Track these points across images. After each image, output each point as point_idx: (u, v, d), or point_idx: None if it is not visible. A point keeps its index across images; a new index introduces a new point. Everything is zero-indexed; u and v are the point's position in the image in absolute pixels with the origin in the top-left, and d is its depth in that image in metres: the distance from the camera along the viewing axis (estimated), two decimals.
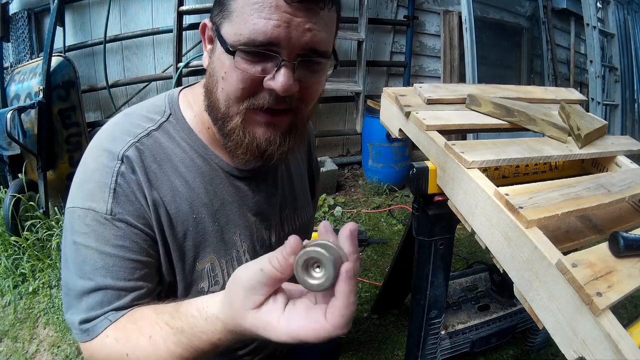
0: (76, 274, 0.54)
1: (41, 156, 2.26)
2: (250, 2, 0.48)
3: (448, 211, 0.86)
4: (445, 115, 0.96)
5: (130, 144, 0.55)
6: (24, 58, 2.86)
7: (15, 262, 2.08)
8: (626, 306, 1.65)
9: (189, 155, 0.59)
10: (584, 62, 3.98)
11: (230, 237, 0.63)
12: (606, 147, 0.95)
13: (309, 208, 0.82)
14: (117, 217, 0.53)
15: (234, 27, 0.49)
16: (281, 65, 0.49)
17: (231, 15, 0.49)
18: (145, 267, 0.55)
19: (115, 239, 0.53)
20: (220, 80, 0.52)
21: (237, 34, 0.49)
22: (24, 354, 1.69)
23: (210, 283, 0.61)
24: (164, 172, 0.57)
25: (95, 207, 0.53)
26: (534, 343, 1.50)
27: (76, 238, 0.54)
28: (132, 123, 0.59)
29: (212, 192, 0.61)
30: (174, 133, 0.59)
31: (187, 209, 0.58)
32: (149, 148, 0.56)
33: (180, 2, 2.51)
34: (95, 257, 0.53)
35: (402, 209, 2.72)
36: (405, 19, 3.18)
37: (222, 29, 0.51)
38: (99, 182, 0.53)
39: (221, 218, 0.62)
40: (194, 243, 0.59)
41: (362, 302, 1.84)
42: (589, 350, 0.54)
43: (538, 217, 0.64)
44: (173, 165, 0.58)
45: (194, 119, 0.61)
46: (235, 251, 0.63)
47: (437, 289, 1.05)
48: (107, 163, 0.54)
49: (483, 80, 2.99)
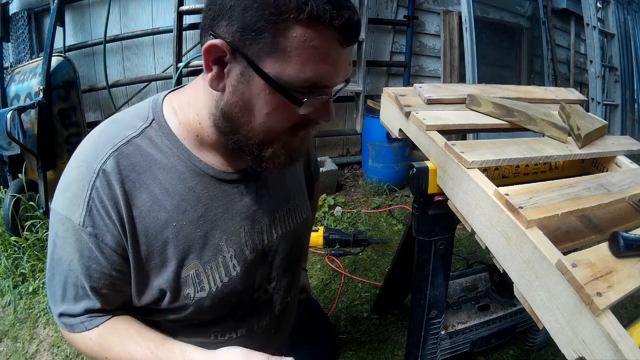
0: (55, 269, 0.60)
1: (41, 156, 2.26)
2: (307, 44, 0.46)
3: (448, 211, 0.86)
4: (445, 115, 0.96)
5: (108, 155, 0.55)
6: (24, 58, 2.86)
7: (15, 262, 2.08)
8: (626, 306, 1.65)
9: (171, 161, 0.58)
10: (584, 62, 3.98)
11: (215, 243, 0.62)
12: (606, 147, 0.95)
13: (306, 208, 0.80)
14: (87, 230, 0.55)
15: (284, 67, 0.47)
16: (329, 100, 0.53)
17: (278, 52, 0.46)
18: (111, 279, 0.59)
19: (85, 250, 0.56)
20: (262, 115, 0.51)
21: (292, 75, 0.47)
22: (24, 354, 1.69)
23: (195, 289, 0.61)
24: (142, 181, 0.57)
25: (71, 217, 0.55)
26: (534, 343, 1.50)
27: (56, 239, 0.58)
28: (115, 132, 0.58)
29: (195, 198, 0.60)
30: (156, 138, 0.58)
31: (166, 217, 0.58)
32: (128, 156, 0.56)
33: (180, 2, 2.51)
34: (70, 259, 0.57)
35: (402, 209, 2.72)
36: (405, 19, 3.18)
37: (262, 64, 0.47)
38: (76, 194, 0.55)
39: (205, 224, 0.61)
40: (176, 250, 0.59)
41: (362, 302, 1.84)
42: (589, 350, 0.54)
43: (538, 217, 0.64)
44: (152, 173, 0.57)
45: (178, 127, 0.59)
46: (221, 257, 0.63)
47: (437, 289, 1.05)
48: (84, 176, 0.55)
49: (483, 80, 2.99)
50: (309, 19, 0.44)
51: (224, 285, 0.63)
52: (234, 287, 0.65)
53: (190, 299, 0.61)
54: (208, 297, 0.62)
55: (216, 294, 0.63)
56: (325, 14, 0.44)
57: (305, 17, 0.44)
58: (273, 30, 0.45)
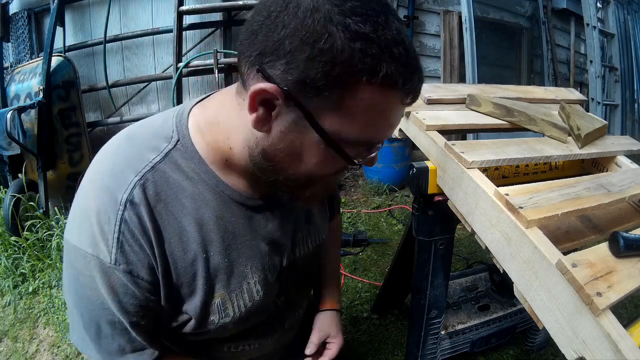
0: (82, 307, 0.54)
1: (41, 156, 2.27)
2: (374, 108, 0.44)
3: (448, 211, 0.86)
4: (445, 115, 0.96)
5: (134, 185, 0.50)
6: (24, 58, 2.87)
7: (15, 262, 2.08)
8: (626, 306, 1.65)
9: (198, 188, 0.54)
10: (584, 62, 3.98)
11: (241, 271, 0.60)
12: (606, 147, 0.95)
13: (324, 229, 0.77)
14: (121, 268, 0.50)
15: (345, 126, 0.44)
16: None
17: (341, 110, 0.43)
18: (148, 310, 0.55)
19: (120, 287, 0.51)
20: (310, 164, 0.49)
21: (351, 134, 0.45)
22: (24, 354, 1.69)
23: (220, 316, 0.60)
24: (171, 212, 0.53)
25: (99, 255, 0.50)
26: (534, 343, 1.50)
27: (79, 276, 0.52)
28: (136, 154, 0.53)
29: (223, 228, 0.57)
30: (182, 163, 0.53)
31: (195, 249, 0.55)
32: (155, 185, 0.52)
33: (180, 2, 2.51)
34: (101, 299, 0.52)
35: (402, 209, 2.72)
36: (405, 19, 3.18)
37: (321, 119, 0.44)
38: (101, 229, 0.50)
39: (232, 253, 0.58)
40: (204, 282, 0.57)
41: (362, 302, 1.84)
42: (589, 350, 0.54)
43: (538, 217, 0.64)
44: (181, 203, 0.53)
45: (205, 148, 0.54)
46: (246, 284, 0.61)
47: (437, 289, 1.05)
48: (109, 208, 0.50)
49: (483, 80, 2.99)
50: (381, 84, 0.41)
51: (247, 310, 0.62)
52: (256, 309, 0.64)
53: (214, 325, 0.60)
54: (231, 322, 0.61)
55: (239, 318, 0.62)
56: (398, 79, 0.42)
57: (378, 81, 0.41)
58: (340, 90, 0.41)
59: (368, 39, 0.39)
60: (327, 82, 0.41)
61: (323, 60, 0.39)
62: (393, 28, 0.41)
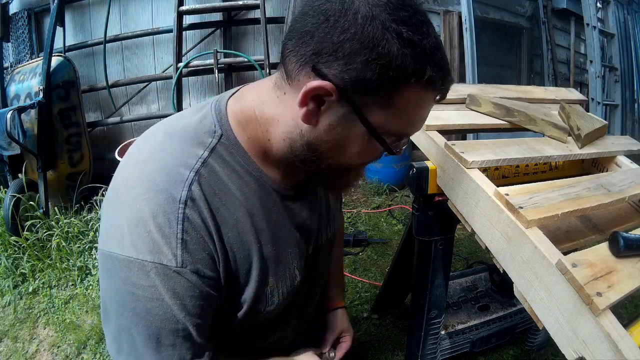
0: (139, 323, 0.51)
1: (41, 156, 2.27)
2: (416, 105, 0.49)
3: (448, 211, 0.86)
4: (445, 115, 0.96)
5: (191, 181, 0.50)
6: (24, 58, 2.87)
7: (15, 262, 2.08)
8: (626, 306, 1.65)
9: (245, 180, 0.56)
10: (584, 62, 3.98)
11: (285, 258, 0.63)
12: (606, 147, 0.95)
13: (340, 216, 0.83)
14: (188, 268, 0.49)
15: (390, 121, 0.49)
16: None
17: (389, 107, 0.48)
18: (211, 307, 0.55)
19: (187, 290, 0.50)
20: (353, 153, 0.53)
21: (394, 128, 0.50)
22: (24, 354, 1.69)
23: (268, 303, 0.61)
24: (225, 205, 0.54)
25: (163, 261, 0.48)
26: (534, 343, 1.50)
27: (136, 291, 0.49)
28: (185, 151, 0.53)
29: (269, 217, 0.59)
30: (228, 157, 0.55)
31: (250, 240, 0.56)
32: (208, 181, 0.52)
33: (180, 2, 2.51)
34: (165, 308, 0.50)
35: (402, 209, 2.72)
36: None
37: (370, 114, 0.48)
38: (162, 232, 0.48)
39: (277, 241, 0.61)
40: (259, 272, 0.58)
41: (362, 302, 1.84)
42: (589, 350, 0.54)
43: (538, 217, 0.64)
44: (232, 196, 0.54)
45: (246, 141, 0.56)
46: (288, 270, 0.64)
47: (437, 289, 1.05)
48: (167, 209, 0.48)
49: (483, 80, 2.99)
50: (425, 85, 0.47)
51: (288, 294, 0.65)
52: (294, 293, 0.67)
53: (261, 312, 0.62)
54: (276, 309, 0.63)
55: (282, 303, 0.64)
56: (437, 80, 0.47)
57: (423, 82, 0.46)
58: (391, 89, 0.46)
59: (417, 46, 0.44)
60: (381, 82, 0.45)
61: (380, 63, 0.44)
62: (433, 36, 0.46)
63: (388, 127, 0.50)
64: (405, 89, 0.46)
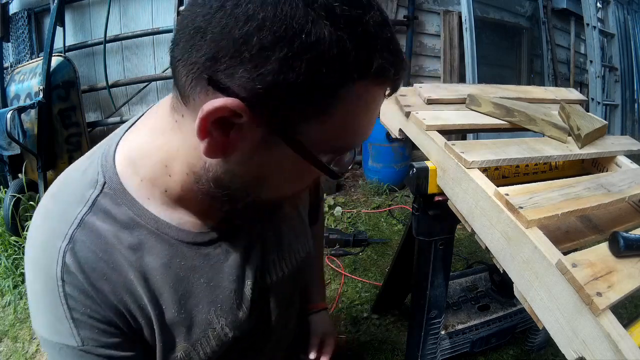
0: None
1: (41, 156, 2.27)
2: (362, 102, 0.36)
3: (448, 211, 0.86)
4: (445, 115, 0.96)
5: (64, 253, 0.43)
6: (24, 58, 2.87)
7: (15, 262, 2.08)
8: (626, 306, 1.65)
9: (136, 235, 0.45)
10: (584, 62, 3.98)
11: (203, 319, 0.52)
12: (606, 147, 0.95)
13: (303, 246, 0.65)
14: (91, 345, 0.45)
15: (324, 131, 0.36)
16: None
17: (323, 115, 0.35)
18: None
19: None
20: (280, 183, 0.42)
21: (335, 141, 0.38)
22: (24, 354, 1.69)
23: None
24: (113, 268, 0.45)
25: (67, 342, 0.44)
26: (534, 343, 1.50)
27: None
28: (60, 213, 0.45)
29: (173, 276, 0.48)
30: (113, 209, 0.45)
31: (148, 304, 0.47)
32: (87, 245, 0.43)
33: (180, 2, 2.51)
34: None
35: (402, 209, 2.72)
36: (405, 19, 3.18)
37: (299, 131, 0.35)
38: (54, 313, 0.44)
39: (188, 302, 0.50)
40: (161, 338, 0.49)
41: (362, 302, 1.84)
42: (589, 350, 0.54)
43: (538, 217, 0.64)
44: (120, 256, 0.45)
45: (139, 185, 0.45)
46: (211, 330, 0.53)
47: (437, 289, 1.05)
48: (50, 287, 0.43)
49: (483, 80, 2.99)
50: (373, 78, 0.35)
51: (215, 353, 0.55)
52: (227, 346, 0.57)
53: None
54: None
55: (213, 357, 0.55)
56: (390, 71, 0.35)
57: (371, 75, 0.34)
58: (327, 92, 0.33)
59: (357, 25, 0.32)
60: (310, 85, 0.32)
61: (306, 58, 0.31)
62: (376, 7, 0.33)
63: (325, 144, 0.37)
64: (346, 89, 0.34)
